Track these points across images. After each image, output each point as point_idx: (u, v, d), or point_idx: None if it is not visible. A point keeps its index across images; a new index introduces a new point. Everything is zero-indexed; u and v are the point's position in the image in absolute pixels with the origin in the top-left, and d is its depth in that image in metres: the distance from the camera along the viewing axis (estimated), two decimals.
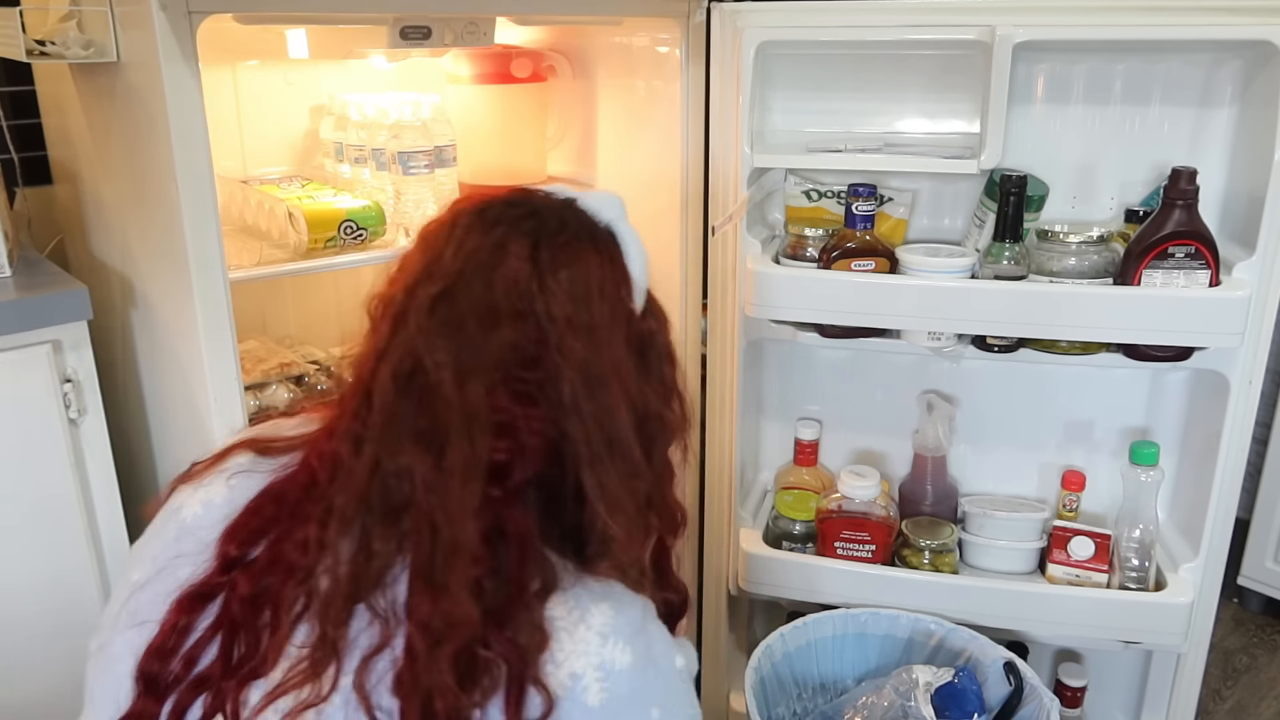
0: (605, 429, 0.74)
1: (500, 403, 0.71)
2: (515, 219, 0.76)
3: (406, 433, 0.70)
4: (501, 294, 0.72)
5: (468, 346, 0.71)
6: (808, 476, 1.68)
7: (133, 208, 1.28)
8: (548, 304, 0.73)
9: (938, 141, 1.50)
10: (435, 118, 1.54)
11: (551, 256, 0.74)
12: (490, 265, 0.73)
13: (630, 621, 0.72)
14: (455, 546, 0.68)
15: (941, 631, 1.46)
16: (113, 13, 1.14)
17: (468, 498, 0.69)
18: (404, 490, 0.69)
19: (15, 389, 1.23)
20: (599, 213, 0.81)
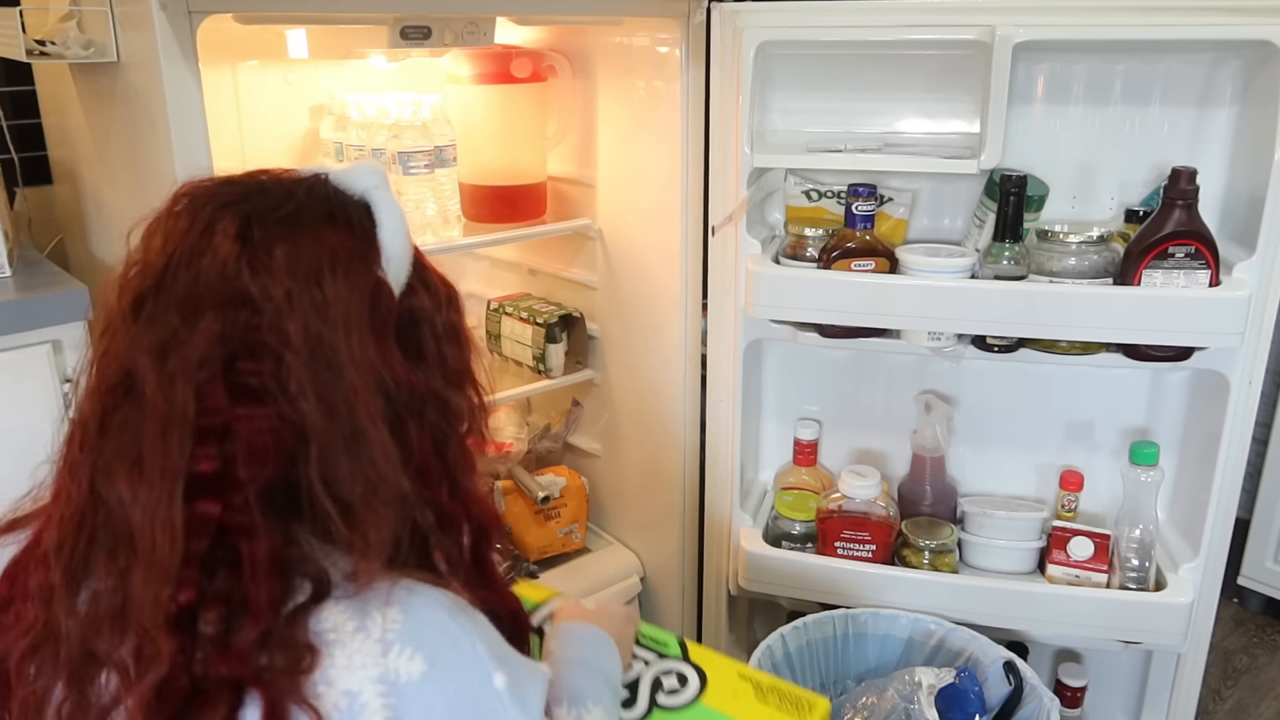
0: (344, 419, 0.64)
1: (213, 403, 0.63)
2: (229, 199, 0.68)
3: (116, 451, 0.63)
4: (208, 281, 0.64)
5: (171, 344, 0.63)
6: (807, 477, 1.68)
7: (133, 208, 1.27)
8: (263, 285, 0.64)
9: (938, 141, 1.50)
10: (435, 118, 1.54)
11: (265, 233, 0.66)
12: (197, 251, 0.65)
13: (424, 624, 0.64)
14: (150, 573, 0.61)
15: (941, 631, 1.46)
16: (113, 13, 1.14)
17: (164, 515, 0.61)
18: (122, 516, 0.63)
19: (15, 389, 1.23)
20: (350, 184, 0.72)
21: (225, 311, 0.64)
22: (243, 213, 0.67)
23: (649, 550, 1.84)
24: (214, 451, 0.62)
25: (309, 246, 0.67)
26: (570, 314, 1.78)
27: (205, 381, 0.63)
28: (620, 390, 1.82)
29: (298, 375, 0.63)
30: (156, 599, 0.60)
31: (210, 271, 0.64)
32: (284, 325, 0.64)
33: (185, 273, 0.65)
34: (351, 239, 0.69)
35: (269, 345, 0.64)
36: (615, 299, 1.76)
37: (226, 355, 0.63)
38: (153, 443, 0.62)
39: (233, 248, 0.65)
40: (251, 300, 0.64)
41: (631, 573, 1.83)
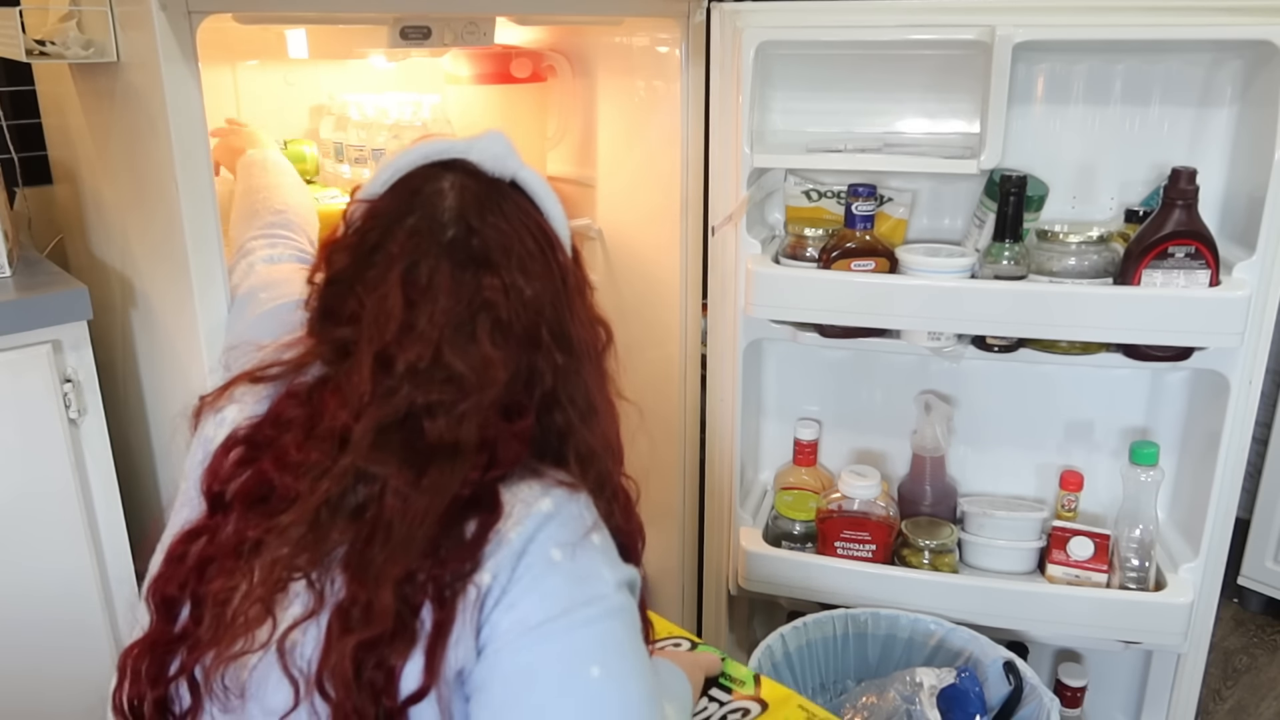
0: (580, 404, 0.78)
1: (490, 424, 0.72)
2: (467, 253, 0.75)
3: (390, 453, 0.71)
4: (488, 340, 0.73)
5: (466, 395, 0.72)
6: (807, 476, 1.68)
7: (133, 208, 1.28)
8: (526, 324, 0.75)
9: (938, 141, 1.50)
10: (435, 118, 1.54)
11: (511, 276, 0.75)
12: (469, 316, 0.73)
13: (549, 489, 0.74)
14: (403, 549, 0.69)
15: (941, 631, 1.46)
16: (113, 13, 1.14)
17: (432, 510, 0.69)
18: (373, 494, 0.70)
19: (15, 389, 1.23)
20: (501, 169, 0.80)
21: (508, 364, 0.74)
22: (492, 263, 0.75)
23: (649, 550, 1.82)
24: (483, 461, 0.72)
25: (537, 270, 0.77)
26: None
27: (488, 417, 0.72)
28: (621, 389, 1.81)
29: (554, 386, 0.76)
30: (394, 575, 0.68)
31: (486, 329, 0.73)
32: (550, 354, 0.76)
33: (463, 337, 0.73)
34: (543, 231, 0.79)
35: (539, 372, 0.75)
36: (615, 299, 1.76)
37: (507, 395, 0.73)
38: (439, 465, 0.70)
39: (503, 303, 0.74)
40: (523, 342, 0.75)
41: None
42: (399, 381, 0.72)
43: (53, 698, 1.30)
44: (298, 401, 0.77)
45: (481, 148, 0.80)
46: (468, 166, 0.79)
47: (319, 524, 0.71)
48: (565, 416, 0.77)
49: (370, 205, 0.79)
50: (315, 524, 0.71)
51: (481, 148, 0.80)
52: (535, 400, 0.76)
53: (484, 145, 0.80)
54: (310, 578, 0.70)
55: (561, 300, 0.78)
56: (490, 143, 0.81)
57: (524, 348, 0.75)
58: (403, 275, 0.74)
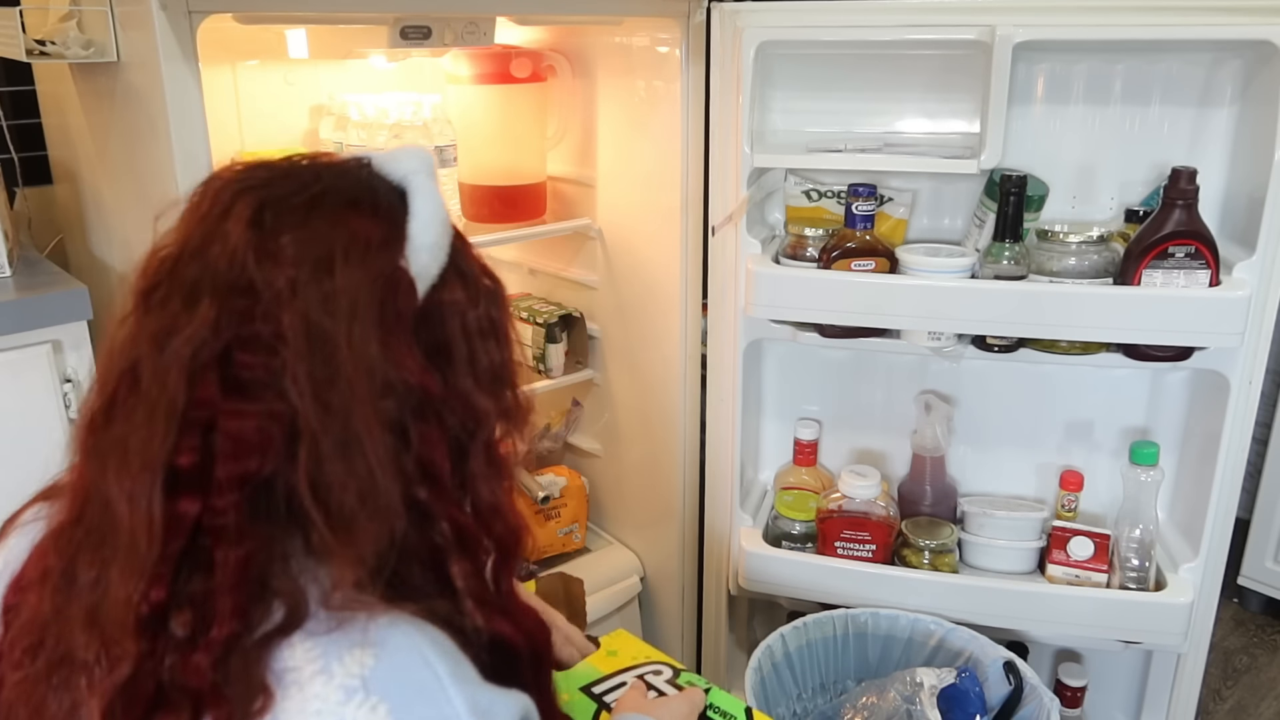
0: (339, 419, 0.60)
1: (204, 394, 0.59)
2: (252, 183, 0.65)
3: (113, 440, 0.61)
4: (214, 268, 0.62)
5: (171, 331, 0.60)
6: (807, 476, 1.68)
7: (133, 208, 1.28)
8: (266, 274, 0.61)
9: (938, 141, 1.50)
10: (435, 118, 1.54)
11: (278, 219, 0.63)
12: (210, 237, 0.63)
13: (395, 670, 0.58)
14: (127, 569, 0.58)
15: (941, 631, 1.46)
16: (113, 13, 1.14)
17: (144, 508, 0.58)
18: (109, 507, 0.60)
19: (15, 389, 1.23)
20: (391, 169, 0.69)
21: (226, 299, 0.60)
22: (260, 197, 0.63)
23: (649, 550, 1.84)
24: (196, 444, 0.59)
25: (323, 233, 0.63)
26: (570, 314, 1.78)
27: (198, 371, 0.59)
28: (620, 390, 1.82)
29: (293, 370, 0.59)
30: (129, 597, 0.58)
31: (218, 258, 0.62)
32: (282, 316, 0.60)
33: (196, 259, 0.62)
34: (375, 226, 0.65)
35: (266, 337, 0.60)
36: (615, 299, 1.76)
37: (223, 346, 0.60)
38: (139, 431, 0.59)
39: (244, 233, 0.62)
40: (254, 289, 0.61)
41: (631, 573, 1.83)
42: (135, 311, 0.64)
43: None
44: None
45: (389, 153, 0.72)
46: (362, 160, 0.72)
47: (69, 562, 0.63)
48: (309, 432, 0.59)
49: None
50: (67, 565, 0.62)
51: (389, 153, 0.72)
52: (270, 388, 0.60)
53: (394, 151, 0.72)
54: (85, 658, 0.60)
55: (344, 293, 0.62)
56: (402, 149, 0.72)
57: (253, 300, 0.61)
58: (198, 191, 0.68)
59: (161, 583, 0.58)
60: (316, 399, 0.60)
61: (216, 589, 0.58)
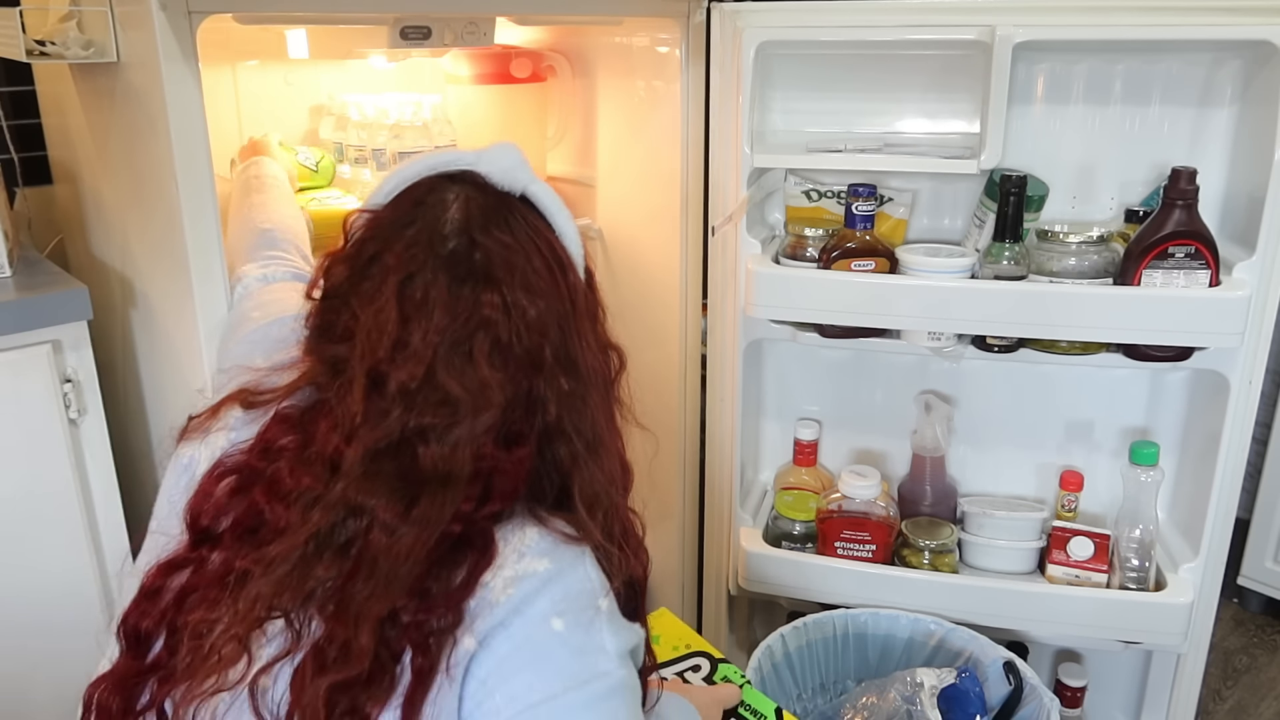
0: (587, 435, 0.73)
1: (486, 454, 0.69)
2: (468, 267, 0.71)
3: (381, 483, 0.68)
4: (485, 360, 0.69)
5: (459, 419, 0.68)
6: (807, 477, 1.68)
7: (133, 208, 1.28)
8: (527, 346, 0.71)
9: (938, 141, 1.50)
10: (435, 118, 1.54)
11: (513, 295, 0.71)
12: (466, 335, 0.70)
13: (558, 546, 0.70)
14: (387, 586, 0.66)
15: (941, 631, 1.46)
16: (113, 13, 1.14)
17: (419, 545, 0.66)
18: (361, 527, 0.67)
19: (15, 389, 1.23)
20: (511, 183, 0.77)
21: (506, 387, 0.70)
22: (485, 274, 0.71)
23: (649, 550, 1.84)
24: (477, 492, 0.69)
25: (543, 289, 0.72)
26: None
27: (484, 442, 0.69)
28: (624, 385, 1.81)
29: (556, 413, 0.72)
30: (377, 614, 0.65)
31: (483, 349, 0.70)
32: (553, 379, 0.72)
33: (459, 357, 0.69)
34: (553, 249, 0.75)
35: (537, 396, 0.71)
36: (615, 299, 1.75)
37: (505, 416, 0.70)
38: (430, 494, 0.67)
39: (503, 322, 0.70)
40: (524, 364, 0.71)
41: None
42: (391, 403, 0.69)
43: (51, 698, 1.30)
44: (289, 426, 0.74)
45: (490, 159, 0.77)
46: (475, 179, 0.76)
47: (304, 560, 0.68)
48: (569, 449, 0.73)
49: (371, 216, 0.76)
50: (301, 560, 0.68)
51: (490, 159, 0.77)
52: (536, 429, 0.72)
53: (493, 157, 0.77)
54: (290, 616, 0.67)
55: (569, 323, 0.74)
56: (500, 154, 0.77)
57: (525, 371, 0.71)
58: (398, 289, 0.71)
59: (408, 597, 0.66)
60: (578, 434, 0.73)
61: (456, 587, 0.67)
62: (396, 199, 0.77)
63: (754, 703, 1.10)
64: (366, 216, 0.77)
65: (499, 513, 0.70)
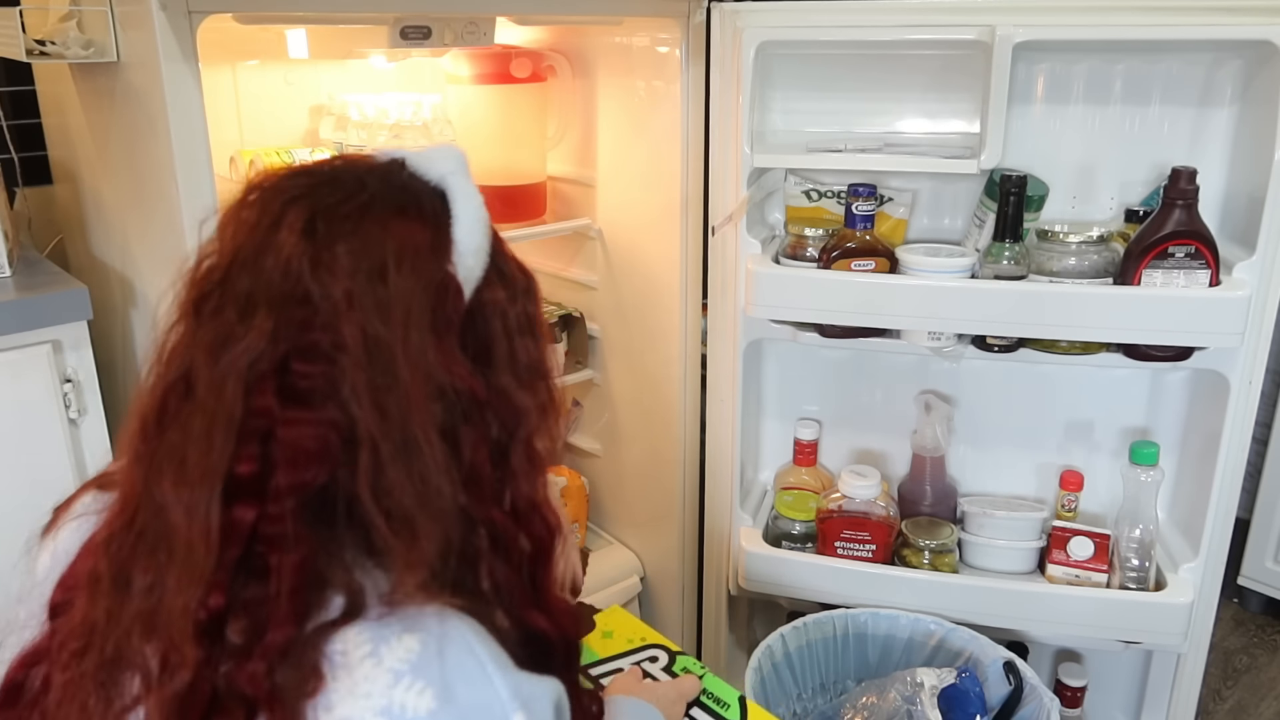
0: (397, 426, 0.61)
1: (261, 404, 0.60)
2: (298, 191, 0.65)
3: (168, 448, 0.62)
4: (269, 278, 0.62)
5: (226, 342, 0.61)
6: (807, 476, 1.68)
7: (133, 208, 1.28)
8: (322, 284, 0.62)
9: (938, 141, 1.50)
10: (435, 118, 1.54)
11: (329, 229, 0.63)
12: (262, 247, 0.63)
13: (442, 657, 0.60)
14: (184, 577, 0.59)
15: (941, 631, 1.46)
16: (113, 13, 1.14)
17: (202, 517, 0.59)
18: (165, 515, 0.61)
19: (15, 389, 1.23)
20: (427, 169, 0.70)
21: (282, 310, 0.61)
22: (309, 206, 0.64)
23: (649, 550, 1.84)
24: (255, 453, 0.60)
25: (375, 241, 0.64)
26: (570, 314, 1.78)
27: (255, 381, 0.60)
28: (620, 390, 1.82)
29: (351, 378, 0.61)
30: (187, 605, 0.59)
31: (272, 269, 0.62)
32: (340, 326, 0.61)
33: (249, 269, 0.63)
34: (423, 231, 0.66)
35: (324, 346, 0.61)
36: (615, 299, 1.76)
37: (280, 356, 0.61)
38: (197, 441, 0.60)
39: (297, 244, 0.63)
40: (310, 299, 0.62)
41: (631, 572, 1.83)
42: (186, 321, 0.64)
43: None
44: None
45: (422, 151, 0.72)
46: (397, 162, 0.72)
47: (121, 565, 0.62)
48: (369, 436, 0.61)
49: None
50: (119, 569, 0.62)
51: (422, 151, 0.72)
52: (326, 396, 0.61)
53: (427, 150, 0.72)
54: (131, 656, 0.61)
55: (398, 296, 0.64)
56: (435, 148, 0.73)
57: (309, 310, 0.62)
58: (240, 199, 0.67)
59: (220, 590, 0.59)
60: (376, 407, 0.61)
61: (272, 595, 0.59)
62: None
63: (716, 691, 1.07)
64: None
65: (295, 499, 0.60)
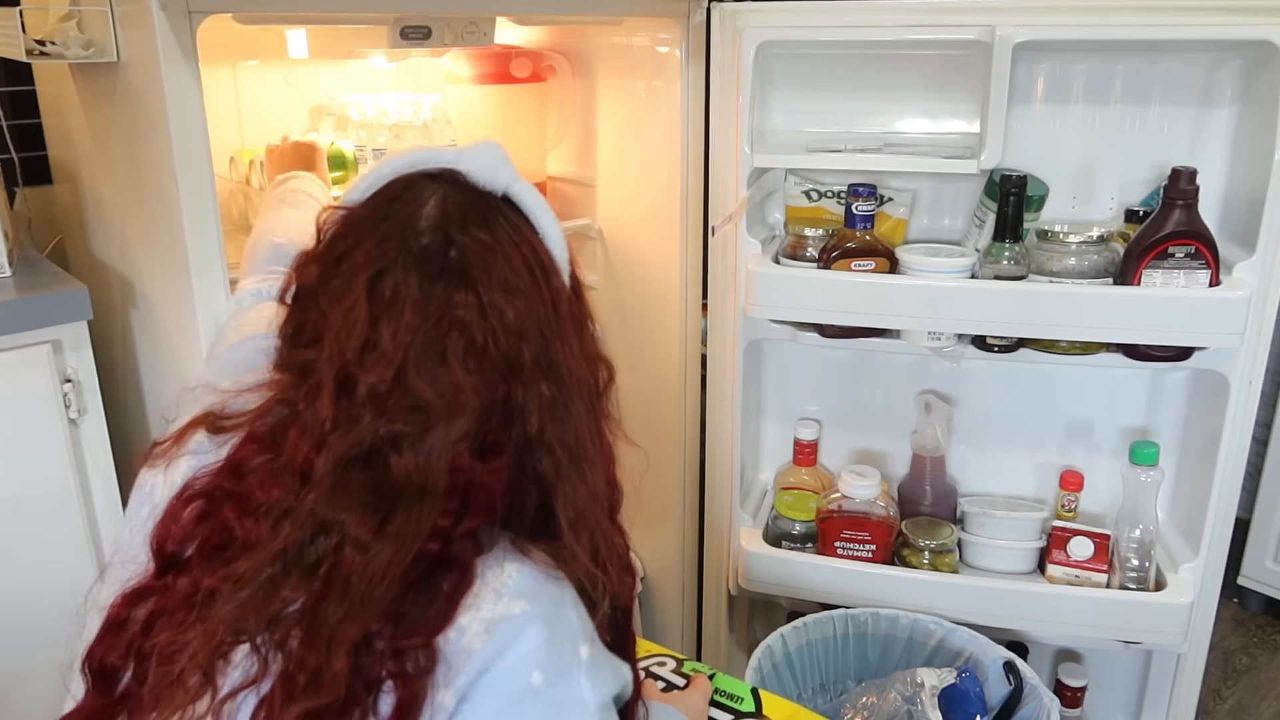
0: (571, 448, 0.69)
1: (461, 465, 0.65)
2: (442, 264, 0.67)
3: (352, 497, 0.64)
4: (459, 363, 0.65)
5: (433, 426, 0.65)
6: (807, 476, 1.68)
7: (133, 208, 1.28)
8: (505, 350, 0.66)
9: (938, 141, 1.50)
10: (435, 118, 1.54)
11: (490, 295, 0.67)
12: (439, 335, 0.66)
13: (537, 584, 0.67)
14: (360, 608, 0.62)
15: (941, 631, 1.46)
16: (113, 13, 1.14)
17: (395, 564, 0.63)
18: (332, 545, 0.64)
19: (15, 389, 1.23)
20: (493, 181, 0.72)
21: (482, 392, 0.66)
22: (461, 273, 0.67)
23: (649, 550, 1.84)
24: (454, 506, 0.65)
25: (523, 291, 0.68)
26: None
27: (460, 452, 0.65)
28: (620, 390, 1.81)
29: (537, 423, 0.68)
30: (350, 637, 0.62)
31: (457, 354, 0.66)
32: (533, 385, 0.67)
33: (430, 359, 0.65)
34: (535, 251, 0.71)
35: (514, 401, 0.67)
36: (615, 299, 1.76)
37: (481, 424, 0.66)
38: (406, 507, 0.64)
39: (478, 323, 0.66)
40: (496, 364, 0.66)
41: None
42: (360, 408, 0.65)
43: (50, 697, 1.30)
44: (261, 445, 0.69)
45: (472, 157, 0.73)
46: (455, 177, 0.72)
47: (271, 580, 0.64)
48: (551, 462, 0.69)
49: (344, 213, 0.72)
50: (268, 580, 0.64)
51: (472, 157, 0.73)
52: (515, 439, 0.68)
53: (475, 154, 0.73)
54: (256, 641, 0.63)
55: (551, 327, 0.70)
56: (482, 152, 0.74)
57: (501, 375, 0.67)
58: (367, 286, 0.67)
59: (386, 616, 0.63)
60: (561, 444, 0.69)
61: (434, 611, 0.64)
62: (372, 196, 0.73)
63: (727, 687, 1.09)
64: (340, 214, 0.73)
65: (477, 530, 0.66)
